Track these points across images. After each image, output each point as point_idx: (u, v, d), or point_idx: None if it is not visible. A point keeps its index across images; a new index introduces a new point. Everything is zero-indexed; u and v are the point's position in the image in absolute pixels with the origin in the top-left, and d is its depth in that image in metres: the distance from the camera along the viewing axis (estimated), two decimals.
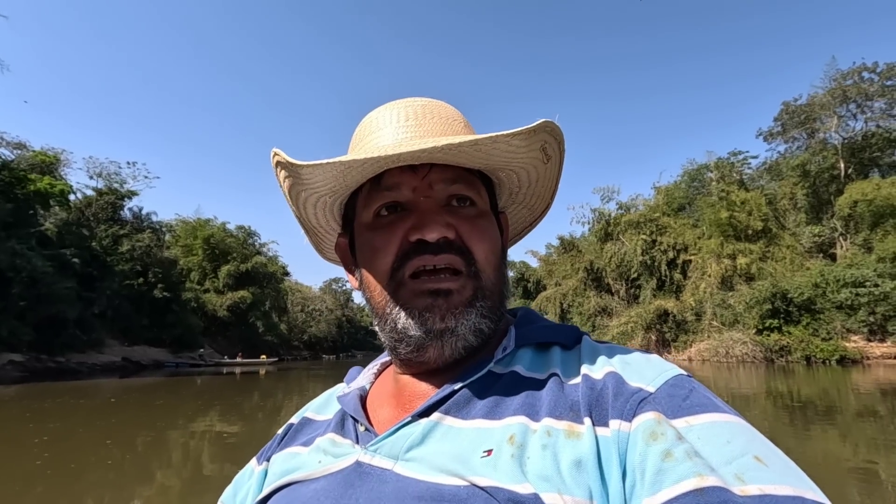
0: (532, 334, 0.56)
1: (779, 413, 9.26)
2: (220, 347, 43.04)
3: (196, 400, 13.34)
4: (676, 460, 0.38)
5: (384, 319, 0.55)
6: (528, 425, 0.46)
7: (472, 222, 0.55)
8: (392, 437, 0.50)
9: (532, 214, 0.70)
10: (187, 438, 7.47)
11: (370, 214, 0.56)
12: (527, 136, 0.52)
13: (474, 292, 0.53)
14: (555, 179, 0.63)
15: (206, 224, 48.96)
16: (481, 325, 0.53)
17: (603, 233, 42.31)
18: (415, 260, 0.52)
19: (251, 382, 20.10)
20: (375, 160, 0.50)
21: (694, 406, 0.43)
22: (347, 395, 0.61)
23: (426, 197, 0.54)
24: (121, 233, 36.21)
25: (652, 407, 0.43)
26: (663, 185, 42.82)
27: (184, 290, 40.15)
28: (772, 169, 40.23)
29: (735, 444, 0.39)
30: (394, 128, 0.57)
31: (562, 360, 0.52)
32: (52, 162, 33.42)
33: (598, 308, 41.84)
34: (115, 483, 4.89)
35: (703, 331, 31.24)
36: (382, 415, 0.57)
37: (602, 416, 0.44)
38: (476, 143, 0.49)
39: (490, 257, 0.55)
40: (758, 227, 32.79)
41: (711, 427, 0.41)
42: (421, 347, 0.53)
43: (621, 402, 0.44)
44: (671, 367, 0.48)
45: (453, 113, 0.61)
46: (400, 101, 0.60)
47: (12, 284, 22.54)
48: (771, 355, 26.06)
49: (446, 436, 0.48)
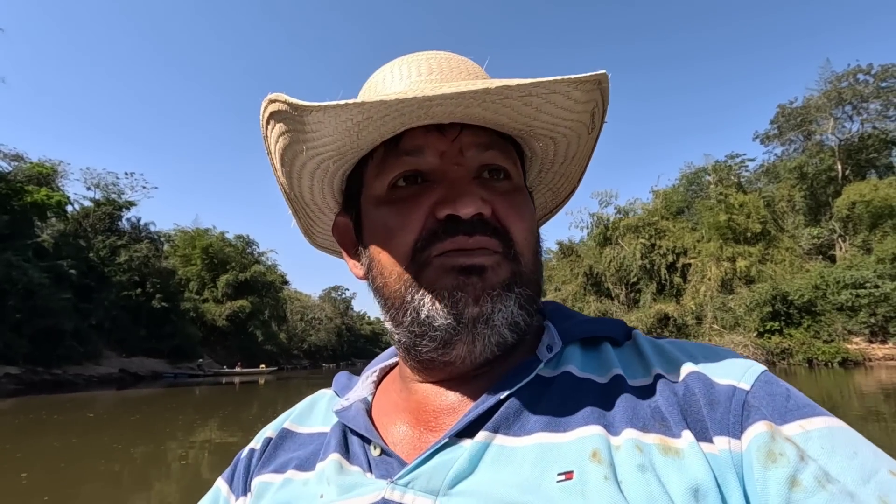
0: (576, 329, 0.48)
1: None
2: (219, 357, 42.84)
3: (195, 411, 13.21)
4: (807, 490, 0.33)
5: (403, 310, 0.44)
6: (608, 439, 0.38)
7: (510, 198, 0.46)
8: (428, 464, 0.40)
9: (555, 198, 0.60)
10: (186, 449, 7.37)
11: (384, 186, 0.46)
12: (588, 90, 0.43)
13: (512, 275, 0.44)
14: (588, 157, 0.54)
15: (205, 234, 48.97)
16: (518, 316, 0.44)
17: (602, 237, 42.37)
18: (445, 241, 0.42)
19: (250, 392, 19.96)
20: (410, 101, 0.38)
21: (801, 407, 0.38)
22: (348, 408, 0.50)
23: (457, 164, 0.44)
24: (118, 243, 36.16)
25: (759, 416, 0.37)
26: (661, 189, 42.98)
27: (182, 300, 40.03)
28: (769, 171, 40.49)
29: (863, 455, 0.34)
30: (412, 82, 0.47)
31: (620, 359, 0.45)
32: (49, 173, 33.43)
33: (599, 313, 41.73)
34: (113, 496, 4.81)
35: (703, 334, 31.18)
36: (398, 434, 0.46)
37: (702, 429, 0.37)
38: (536, 86, 0.39)
39: (529, 239, 0.46)
40: (756, 230, 32.87)
41: (831, 434, 0.36)
42: (448, 343, 0.43)
43: (722, 412, 0.37)
44: (751, 361, 0.42)
45: (481, 71, 0.50)
46: (417, 54, 0.50)
47: (8, 296, 22.44)
48: (772, 358, 26.00)
49: (502, 459, 0.39)
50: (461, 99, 0.39)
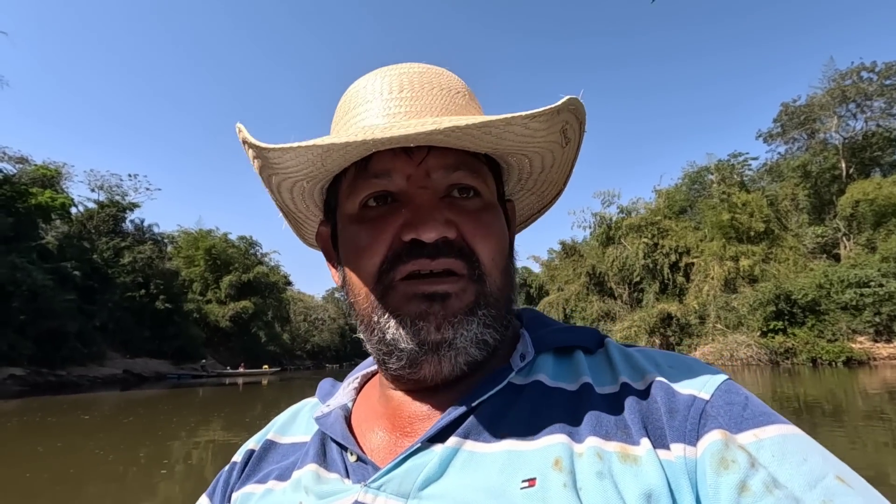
0: (550, 338, 0.49)
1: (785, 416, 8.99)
2: (223, 358, 42.93)
3: (199, 412, 13.25)
4: (755, 495, 0.34)
5: (370, 329, 0.46)
6: (571, 447, 0.39)
7: (477, 217, 0.46)
8: (400, 468, 0.41)
9: (541, 201, 0.60)
10: (190, 449, 7.40)
11: (355, 205, 0.47)
12: (548, 118, 0.43)
13: (476, 298, 0.45)
14: (570, 164, 0.54)
15: (208, 235, 49.08)
16: (485, 335, 0.45)
17: (604, 237, 42.33)
18: (408, 264, 0.44)
19: (254, 393, 20.01)
20: (359, 144, 0.40)
21: (757, 416, 0.39)
22: (328, 415, 0.51)
23: (422, 188, 0.45)
24: (122, 245, 36.28)
25: (715, 424, 0.38)
26: (664, 188, 42.90)
27: (186, 301, 40.12)
28: (772, 170, 40.33)
29: (812, 462, 0.36)
30: (384, 101, 0.48)
31: (590, 368, 0.46)
32: (53, 175, 33.58)
33: (602, 313, 41.72)
34: (117, 496, 4.83)
35: (707, 334, 31.11)
36: (375, 440, 0.48)
37: (660, 437, 0.39)
38: (486, 126, 0.41)
39: (497, 258, 0.47)
40: (760, 229, 32.77)
41: (783, 442, 0.37)
42: (414, 363, 0.45)
43: (680, 420, 0.39)
44: (716, 370, 0.43)
45: (456, 83, 0.51)
46: (392, 67, 0.50)
47: (13, 298, 22.54)
48: (776, 357, 25.91)
49: (471, 464, 0.40)
50: (418, 136, 0.39)
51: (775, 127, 40.38)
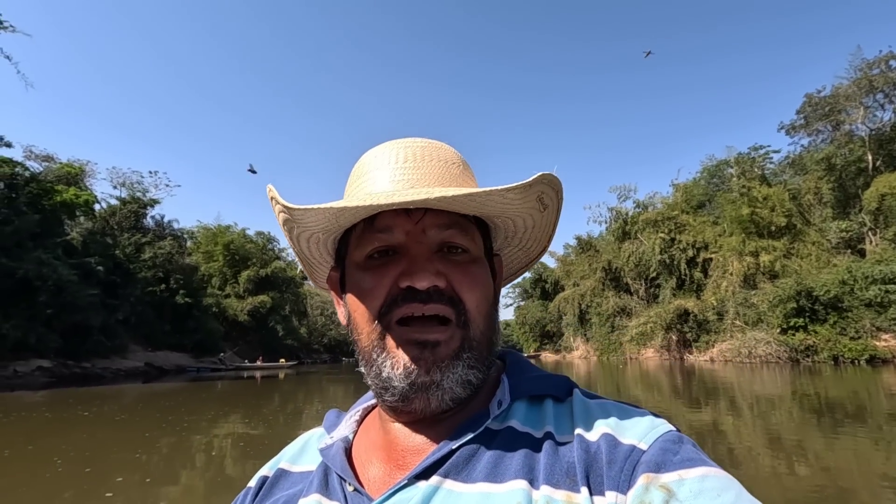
0: (525, 386, 0.55)
1: (805, 416, 9.01)
2: (242, 352, 43.69)
3: (218, 404, 13.55)
4: None
5: (370, 364, 0.54)
6: (530, 493, 0.45)
7: (464, 270, 0.54)
8: (388, 502, 0.48)
9: (528, 256, 0.69)
10: (210, 440, 7.59)
11: (362, 255, 0.55)
12: (522, 190, 0.52)
13: (462, 343, 0.52)
14: (552, 225, 0.62)
15: (227, 230, 49.83)
16: (469, 376, 0.52)
17: (620, 232, 41.88)
18: (403, 307, 0.51)
19: (271, 386, 20.35)
20: (367, 208, 0.50)
21: (685, 461, 0.44)
22: (331, 447, 0.58)
23: (419, 242, 0.53)
24: (143, 240, 37.06)
25: (644, 469, 0.43)
26: (682, 183, 42.19)
27: (205, 295, 40.86)
28: (795, 163, 39.23)
29: (725, 497, 0.40)
30: (390, 169, 0.57)
31: (555, 416, 0.52)
32: (77, 173, 34.42)
33: (617, 308, 41.36)
34: (141, 484, 4.99)
35: (725, 330, 30.64)
36: (372, 472, 0.54)
37: (598, 485, 0.44)
38: (470, 196, 0.49)
39: (481, 306, 0.54)
40: (781, 224, 32.06)
41: (703, 480, 0.42)
42: (406, 398, 0.52)
43: (616, 470, 0.44)
44: (663, 422, 0.49)
45: (452, 155, 0.61)
46: (399, 141, 0.60)
47: (39, 293, 23.22)
48: (796, 355, 25.44)
49: (449, 501, 0.46)
50: (414, 203, 0.48)
51: (798, 118, 39.32)
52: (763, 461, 5.66)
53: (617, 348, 40.03)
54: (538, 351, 58.56)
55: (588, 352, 45.74)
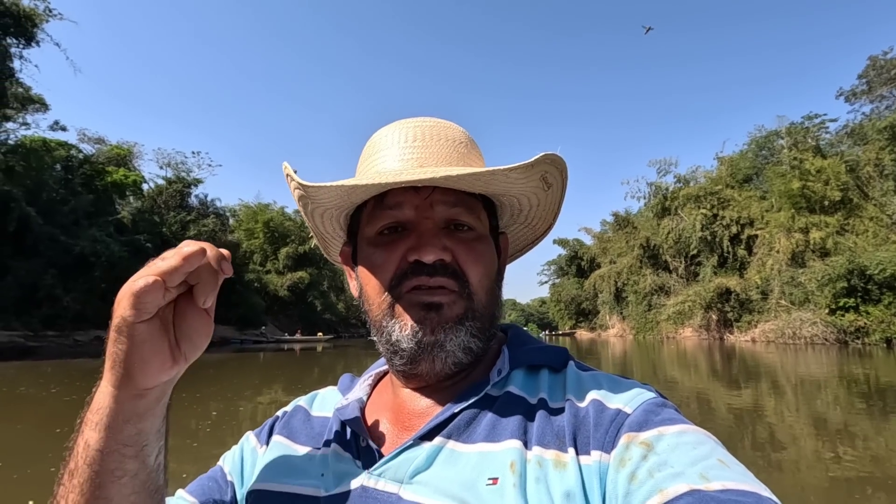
0: (524, 357, 0.58)
1: (853, 399, 8.64)
2: (282, 325, 45.38)
3: (261, 374, 14.22)
4: (640, 482, 0.41)
5: (380, 331, 0.57)
6: (523, 452, 0.48)
7: (469, 246, 0.57)
8: (396, 459, 0.51)
9: (534, 234, 0.71)
10: (256, 406, 8.01)
11: (373, 231, 0.58)
12: (524, 170, 0.54)
13: (465, 311, 0.55)
14: (557, 204, 0.64)
15: (266, 209, 51.25)
16: (470, 343, 0.55)
17: (660, 208, 40.50)
18: (412, 280, 0.54)
19: (310, 358, 21.13)
20: (377, 186, 0.53)
21: (665, 420, 0.46)
22: (346, 406, 0.62)
23: (426, 219, 0.56)
24: (188, 218, 38.67)
25: (626, 430, 0.46)
26: (727, 156, 40.18)
27: (247, 271, 42.45)
28: (854, 132, 36.34)
29: (701, 449, 0.43)
30: (399, 148, 0.59)
31: (549, 385, 0.55)
32: (126, 154, 36.02)
33: (655, 286, 40.39)
34: (192, 448, 5.33)
35: (769, 310, 29.48)
36: (382, 430, 0.59)
37: (585, 445, 0.47)
38: (474, 175, 0.51)
39: (483, 281, 0.57)
40: (835, 198, 30.19)
41: (681, 435, 0.44)
42: (414, 360, 0.55)
43: (602, 432, 0.47)
44: (649, 389, 0.52)
45: (460, 134, 0.62)
46: (409, 121, 0.62)
47: (94, 268, 24.72)
48: (844, 337, 24.28)
49: (451, 460, 0.50)
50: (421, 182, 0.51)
51: (860, 84, 36.42)
52: (806, 445, 5.51)
53: (654, 327, 39.27)
54: (573, 329, 58.17)
55: (624, 330, 45.10)
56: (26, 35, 23.56)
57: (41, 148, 26.40)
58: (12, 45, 23.42)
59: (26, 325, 21.36)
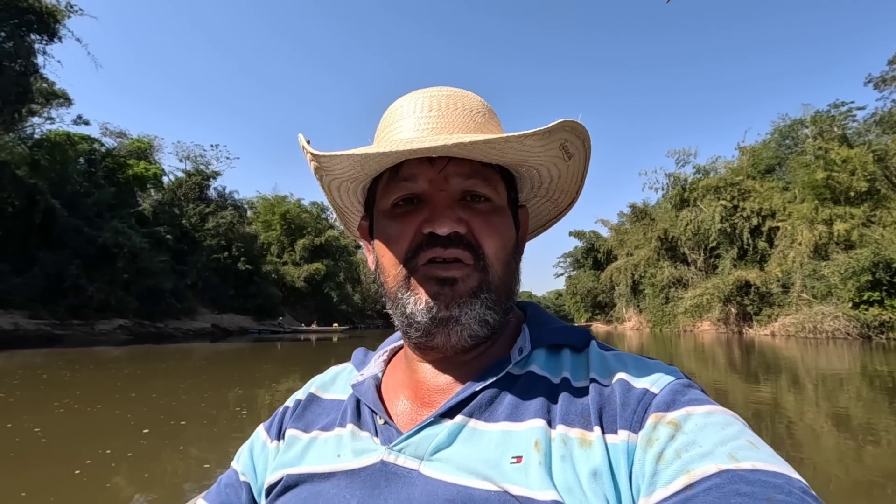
0: (546, 336, 0.58)
1: (877, 395, 8.44)
2: (299, 316, 45.95)
3: (278, 363, 14.43)
4: (667, 462, 0.41)
5: (395, 304, 0.56)
6: (547, 431, 0.48)
7: (485, 218, 0.55)
8: (416, 436, 0.51)
9: (556, 208, 0.69)
10: (274, 395, 8.13)
11: (388, 203, 0.58)
12: (541, 137, 0.52)
13: (479, 284, 0.54)
14: (580, 176, 0.62)
15: (283, 201, 51.74)
16: (486, 315, 0.54)
17: (678, 199, 39.80)
18: (427, 251, 0.54)
19: (326, 348, 21.39)
20: (390, 154, 0.51)
21: (693, 400, 0.46)
22: (362, 383, 0.61)
23: (441, 190, 0.55)
24: (207, 211, 39.22)
25: (654, 410, 0.45)
26: (748, 145, 39.18)
27: (264, 262, 43.04)
28: (884, 121, 34.97)
29: (730, 430, 0.42)
30: (416, 118, 0.58)
31: (572, 364, 0.54)
32: (146, 148, 36.64)
33: (673, 279, 39.82)
34: (212, 435, 5.46)
35: (790, 304, 28.86)
36: (400, 408, 0.58)
37: (611, 424, 0.47)
38: (488, 143, 0.49)
39: (500, 253, 0.56)
40: (862, 189, 29.26)
41: (710, 416, 0.44)
42: (429, 333, 0.54)
43: (629, 412, 0.47)
44: (675, 370, 0.51)
45: (478, 104, 0.61)
46: (426, 91, 0.61)
47: (117, 259, 25.29)
48: (868, 331, 23.63)
49: (472, 438, 0.49)
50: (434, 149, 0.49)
51: (891, 70, 35.00)
52: (827, 440, 5.40)
53: (671, 320, 38.78)
54: (589, 321, 57.79)
55: (640, 323, 44.63)
56: (49, 31, 23.98)
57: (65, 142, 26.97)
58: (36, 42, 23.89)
59: (53, 314, 21.99)
